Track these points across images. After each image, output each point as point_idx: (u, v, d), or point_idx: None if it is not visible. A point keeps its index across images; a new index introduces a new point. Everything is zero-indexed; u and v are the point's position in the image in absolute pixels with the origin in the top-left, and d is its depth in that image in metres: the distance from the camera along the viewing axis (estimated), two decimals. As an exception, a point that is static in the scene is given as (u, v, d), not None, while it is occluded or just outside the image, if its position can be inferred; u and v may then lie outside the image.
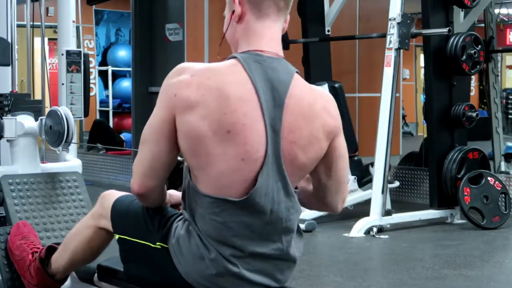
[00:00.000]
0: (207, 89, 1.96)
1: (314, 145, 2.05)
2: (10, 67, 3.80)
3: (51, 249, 2.69)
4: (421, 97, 15.31)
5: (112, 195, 2.38)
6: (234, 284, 2.06)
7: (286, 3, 2.07)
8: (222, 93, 1.96)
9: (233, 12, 2.06)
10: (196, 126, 1.96)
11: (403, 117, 14.43)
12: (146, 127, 2.07)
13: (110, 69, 12.33)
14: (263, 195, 2.01)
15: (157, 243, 2.14)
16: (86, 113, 4.28)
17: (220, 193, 2.00)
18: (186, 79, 1.99)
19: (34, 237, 2.92)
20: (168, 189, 2.32)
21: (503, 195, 6.33)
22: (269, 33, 2.05)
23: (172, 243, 2.10)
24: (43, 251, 2.71)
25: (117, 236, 2.30)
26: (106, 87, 12.51)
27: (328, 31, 7.51)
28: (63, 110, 3.38)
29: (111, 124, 11.72)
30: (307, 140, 2.04)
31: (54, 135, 3.37)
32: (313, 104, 2.05)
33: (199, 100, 1.96)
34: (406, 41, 6.06)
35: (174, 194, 2.37)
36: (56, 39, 4.34)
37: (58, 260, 2.62)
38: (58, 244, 2.70)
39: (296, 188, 2.16)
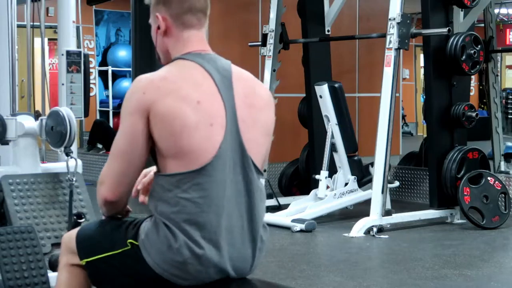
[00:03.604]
0: (174, 79, 2.20)
1: (270, 108, 2.34)
2: (9, 89, 3.81)
3: None
4: (421, 97, 15.32)
5: (72, 232, 2.46)
6: (201, 269, 2.16)
7: (204, 14, 2.33)
8: (189, 78, 2.21)
9: (158, 27, 2.31)
10: (174, 106, 2.16)
11: (403, 117, 14.45)
12: (118, 138, 2.23)
13: (110, 69, 12.33)
14: (222, 163, 2.18)
15: (128, 241, 2.24)
16: (86, 113, 4.27)
17: (188, 168, 2.16)
18: (148, 81, 2.21)
19: None
20: None
21: (503, 195, 6.34)
22: (196, 39, 2.31)
23: (142, 238, 2.21)
24: None
25: (84, 262, 2.35)
26: (106, 87, 12.51)
27: (328, 31, 7.51)
28: (65, 110, 3.37)
29: (111, 124, 11.72)
30: (263, 103, 2.31)
31: (56, 136, 3.36)
32: (252, 78, 2.36)
33: (171, 87, 2.18)
34: (406, 41, 6.07)
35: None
36: (56, 39, 4.32)
37: None
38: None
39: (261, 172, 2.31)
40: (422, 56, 12.16)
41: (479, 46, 6.29)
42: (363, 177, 6.64)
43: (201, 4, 2.32)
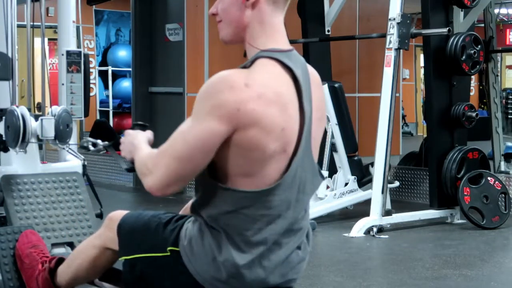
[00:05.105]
0: (268, 99, 1.95)
1: (323, 120, 2.18)
2: (9, 82, 3.77)
3: (61, 261, 2.69)
4: (421, 97, 15.31)
5: (118, 215, 2.35)
6: (244, 285, 2.05)
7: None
8: (280, 99, 1.98)
9: None
10: (260, 139, 1.95)
11: (403, 117, 14.44)
12: (185, 140, 1.97)
13: (110, 69, 12.34)
14: (292, 182, 2.03)
15: (168, 249, 2.12)
16: (86, 113, 4.27)
17: (253, 186, 1.99)
18: (243, 90, 1.94)
19: (43, 245, 2.91)
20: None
21: (503, 195, 6.34)
22: (281, 28, 2.07)
23: (184, 245, 2.09)
24: (52, 262, 2.70)
25: (122, 259, 2.26)
26: (106, 87, 12.52)
27: (328, 31, 7.52)
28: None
29: (111, 124, 11.73)
30: (323, 117, 2.17)
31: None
32: (319, 81, 2.19)
33: (263, 113, 1.94)
34: (406, 41, 6.07)
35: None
36: (56, 39, 4.33)
37: (63, 274, 2.63)
38: (59, 244, 2.69)
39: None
40: (422, 56, 12.16)
41: (479, 46, 6.29)
42: (363, 177, 6.63)
43: None
